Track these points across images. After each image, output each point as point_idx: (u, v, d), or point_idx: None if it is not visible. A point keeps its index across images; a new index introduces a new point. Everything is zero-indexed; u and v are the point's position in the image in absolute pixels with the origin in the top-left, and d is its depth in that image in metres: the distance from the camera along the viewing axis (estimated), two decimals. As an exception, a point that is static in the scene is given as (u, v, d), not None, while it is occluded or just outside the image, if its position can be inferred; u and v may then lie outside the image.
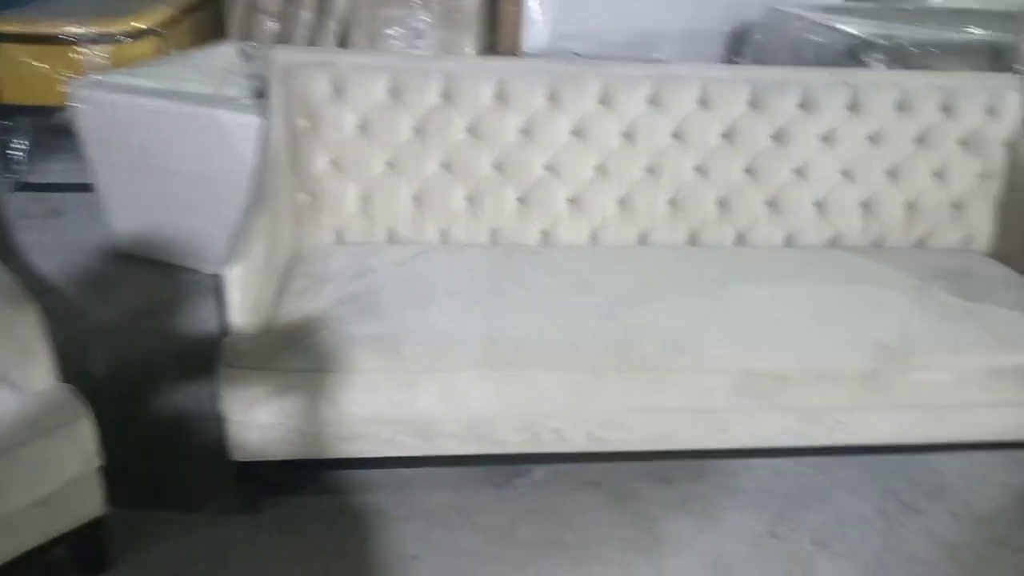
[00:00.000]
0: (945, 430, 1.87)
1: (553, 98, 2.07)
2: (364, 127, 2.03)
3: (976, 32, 3.27)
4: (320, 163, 2.03)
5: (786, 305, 1.84)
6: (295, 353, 1.58)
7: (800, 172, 2.18)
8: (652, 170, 2.13)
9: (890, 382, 1.75)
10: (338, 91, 2.01)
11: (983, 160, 2.23)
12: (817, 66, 3.11)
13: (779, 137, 2.16)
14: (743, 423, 1.78)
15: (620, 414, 1.73)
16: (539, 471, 1.96)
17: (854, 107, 2.17)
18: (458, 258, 1.97)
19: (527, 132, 2.08)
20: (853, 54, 3.09)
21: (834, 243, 2.23)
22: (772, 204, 2.19)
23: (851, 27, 3.26)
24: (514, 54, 3.88)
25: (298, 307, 1.71)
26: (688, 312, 1.79)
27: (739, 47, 4.08)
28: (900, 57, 3.02)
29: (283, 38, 3.55)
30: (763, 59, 3.76)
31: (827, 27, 3.32)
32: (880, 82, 2.20)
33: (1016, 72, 2.88)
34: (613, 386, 1.69)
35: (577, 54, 3.92)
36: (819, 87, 2.16)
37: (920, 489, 2.01)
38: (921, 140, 2.21)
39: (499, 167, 2.08)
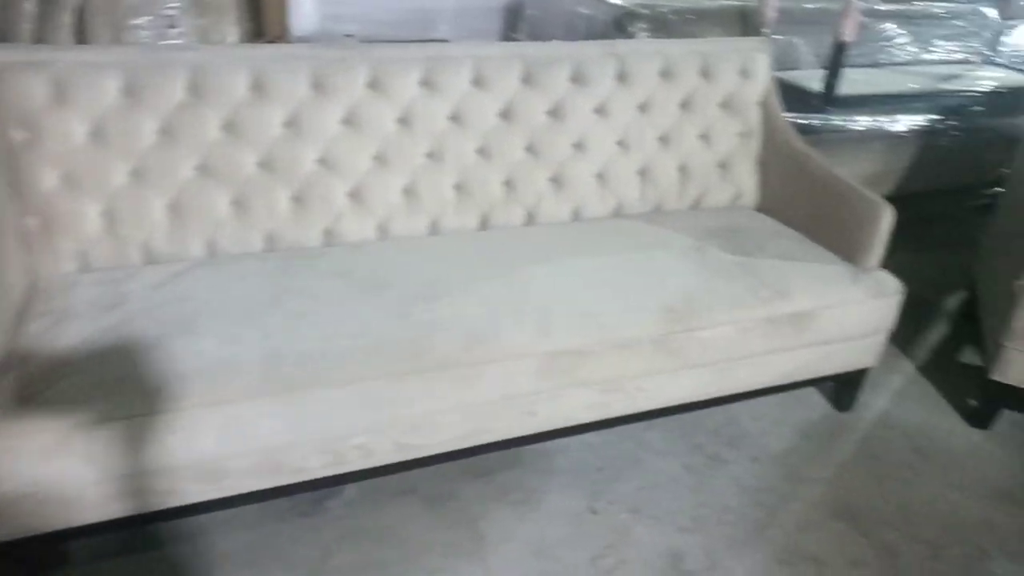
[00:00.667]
0: (736, 381, 1.97)
1: (318, 86, 1.92)
2: (97, 134, 1.76)
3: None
4: (48, 180, 1.74)
5: (577, 281, 1.84)
6: (30, 411, 1.32)
7: (579, 146, 2.19)
8: (434, 155, 2.04)
9: (680, 343, 1.80)
10: (61, 94, 1.72)
11: (741, 120, 2.36)
12: (588, 38, 3.17)
13: (555, 112, 2.15)
14: (550, 404, 1.76)
15: (427, 417, 1.64)
16: (350, 489, 1.83)
17: (622, 77, 2.21)
18: (228, 272, 1.77)
19: (292, 125, 1.90)
20: (619, 25, 3.18)
21: (618, 213, 2.27)
22: (556, 180, 2.18)
23: (614, -2, 3.35)
24: (282, 39, 3.62)
25: (36, 354, 1.44)
26: (484, 300, 1.73)
27: (516, 22, 4.09)
28: (661, 25, 3.15)
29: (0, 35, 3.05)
30: (538, 33, 3.79)
31: (595, -1, 3.39)
32: (644, 51, 2.25)
33: (763, 35, 3.11)
34: (415, 389, 1.59)
35: (350, 36, 3.73)
36: (589, 60, 2.17)
37: (722, 439, 2.11)
38: (685, 105, 2.30)
39: (265, 165, 1.90)
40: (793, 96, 3.01)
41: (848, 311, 1.97)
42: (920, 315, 2.80)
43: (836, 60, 2.83)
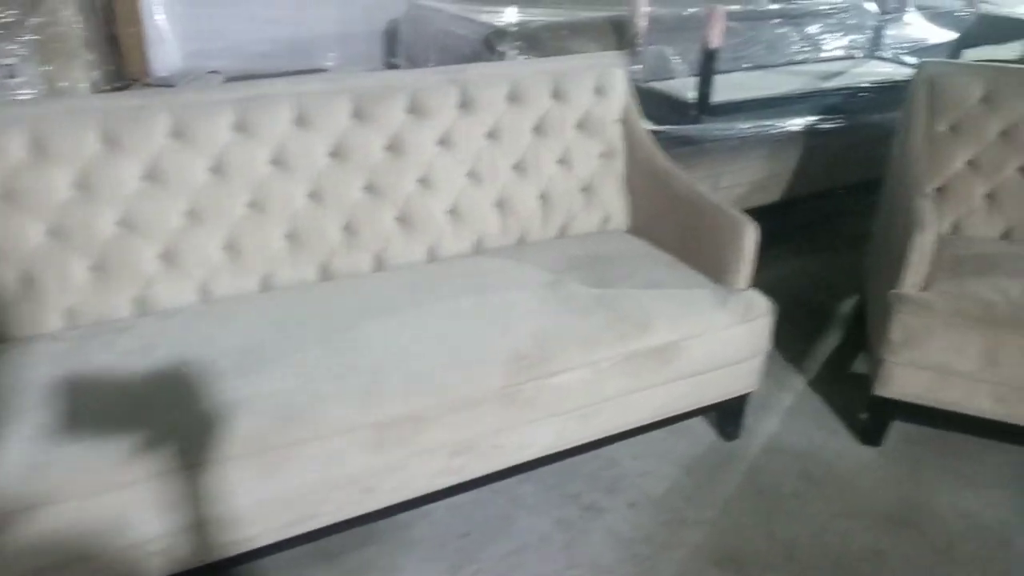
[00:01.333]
0: (604, 424, 1.83)
1: (110, 140, 1.71)
2: None
3: (603, 11, 3.39)
4: None
5: (416, 334, 1.67)
6: None
7: (425, 182, 2.02)
8: (256, 205, 1.86)
9: (532, 393, 1.65)
10: None
11: (601, 140, 2.23)
12: (461, 60, 3.03)
13: (393, 147, 1.98)
14: (390, 478, 1.58)
15: (242, 510, 1.45)
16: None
17: (466, 105, 2.05)
18: (20, 356, 1.55)
19: (82, 186, 1.70)
20: (489, 44, 3.04)
21: (478, 248, 2.12)
22: (403, 220, 2.01)
23: (486, 16, 3.21)
24: (141, 81, 3.39)
25: None
26: (305, 369, 1.54)
27: (394, 46, 3.94)
28: (533, 43, 3.02)
29: None
30: (414, 57, 3.63)
31: (464, 18, 3.26)
32: (489, 75, 2.11)
33: (636, 47, 3.01)
34: (219, 482, 1.40)
35: (214, 72, 3.52)
36: (427, 89, 2.01)
37: (600, 485, 1.96)
38: (539, 129, 2.16)
39: (56, 233, 1.68)
40: (670, 107, 2.91)
41: (715, 339, 1.85)
42: (813, 322, 2.71)
43: (706, 68, 2.72)
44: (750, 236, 1.91)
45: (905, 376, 1.97)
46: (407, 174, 2.00)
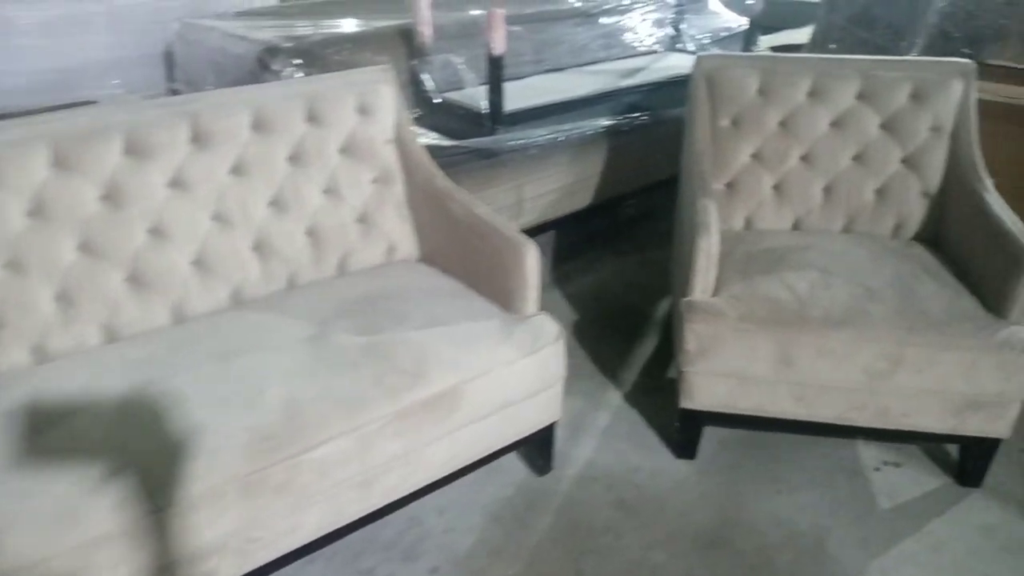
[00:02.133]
0: (389, 488, 1.62)
1: None
2: None
3: (395, 20, 3.18)
4: None
5: (139, 423, 1.39)
6: None
7: (156, 232, 1.74)
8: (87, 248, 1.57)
9: (285, 476, 1.41)
10: None
11: (372, 165, 2.03)
12: (239, 81, 2.75)
13: (110, 198, 1.69)
14: (114, 603, 1.30)
15: None
16: None
17: (200, 140, 1.79)
18: None
19: None
20: (263, 63, 2.76)
21: (236, 298, 1.85)
22: (134, 280, 1.72)
23: (261, 33, 2.93)
24: None
25: None
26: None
27: (173, 70, 3.57)
28: (312, 59, 2.76)
29: None
30: (192, 79, 3.29)
31: (238, 36, 2.95)
32: (228, 104, 1.85)
33: (424, 56, 2.82)
34: None
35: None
36: (149, 125, 1.73)
37: (398, 552, 1.75)
38: (296, 159, 1.93)
39: None
40: (466, 119, 2.75)
41: (501, 376, 1.68)
42: (630, 328, 2.62)
43: (494, 75, 2.58)
44: (532, 258, 1.76)
45: (706, 386, 1.89)
46: (133, 226, 1.71)
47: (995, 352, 1.72)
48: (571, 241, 3.28)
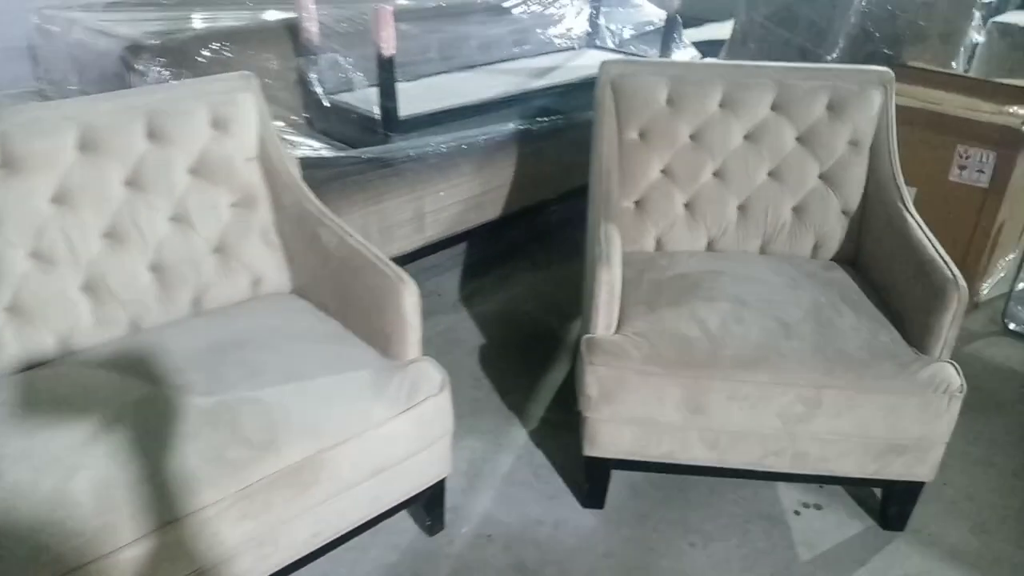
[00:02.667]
0: (245, 572, 1.38)
1: None
2: None
3: (279, 13, 2.89)
4: None
5: None
6: None
7: (38, 255, 1.50)
8: None
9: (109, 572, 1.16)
10: None
11: (231, 187, 1.77)
12: (103, 81, 2.46)
13: None
14: None
15: None
16: None
17: (10, 164, 1.50)
18: None
19: None
20: (126, 62, 2.44)
21: (65, 350, 1.57)
22: (14, 309, 1.46)
23: (127, 27, 2.61)
24: None
25: None
26: None
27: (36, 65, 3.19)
28: (181, 58, 2.46)
29: None
30: (55, 79, 2.94)
31: (100, 32, 2.62)
32: (43, 119, 1.56)
33: (311, 55, 2.55)
34: None
35: None
36: (26, 134, 1.44)
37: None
38: (133, 184, 1.65)
39: None
40: (359, 125, 2.50)
41: (372, 438, 1.45)
42: (540, 352, 2.43)
43: (385, 78, 2.32)
44: (411, 298, 1.54)
45: (611, 432, 1.71)
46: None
47: (917, 393, 1.58)
48: (482, 255, 3.06)
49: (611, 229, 1.75)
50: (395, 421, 1.48)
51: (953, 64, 3.16)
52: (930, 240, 1.76)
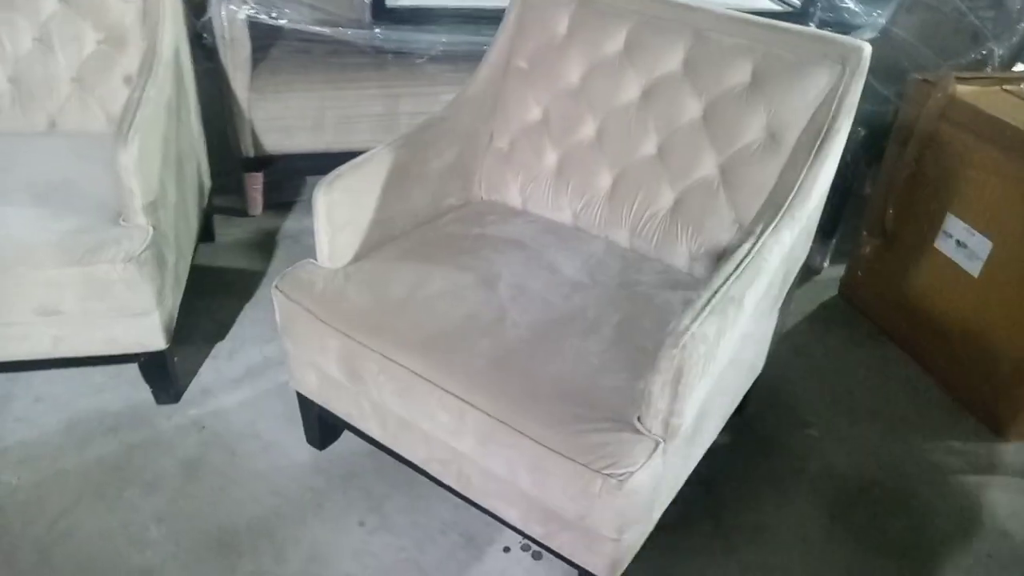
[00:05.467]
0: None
1: None
2: None
3: None
4: None
5: None
6: None
7: None
8: None
9: None
10: None
11: (99, 24, 1.84)
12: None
13: None
14: None
15: None
16: None
17: None
18: None
19: None
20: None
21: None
22: None
23: None
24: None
25: None
26: None
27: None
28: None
29: None
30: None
31: None
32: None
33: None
34: None
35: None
36: None
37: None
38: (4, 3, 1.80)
39: None
40: (345, 2, 2.38)
41: (31, 279, 1.49)
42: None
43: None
44: (125, 158, 1.51)
45: (300, 370, 1.55)
46: None
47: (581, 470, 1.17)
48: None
49: (379, 156, 1.51)
50: (66, 271, 1.50)
51: None
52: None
